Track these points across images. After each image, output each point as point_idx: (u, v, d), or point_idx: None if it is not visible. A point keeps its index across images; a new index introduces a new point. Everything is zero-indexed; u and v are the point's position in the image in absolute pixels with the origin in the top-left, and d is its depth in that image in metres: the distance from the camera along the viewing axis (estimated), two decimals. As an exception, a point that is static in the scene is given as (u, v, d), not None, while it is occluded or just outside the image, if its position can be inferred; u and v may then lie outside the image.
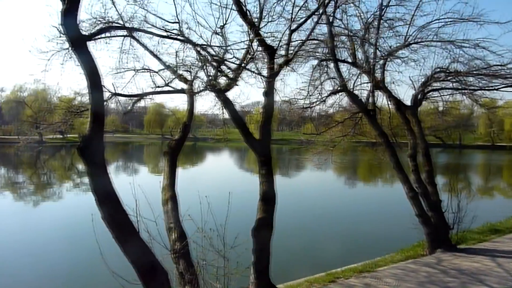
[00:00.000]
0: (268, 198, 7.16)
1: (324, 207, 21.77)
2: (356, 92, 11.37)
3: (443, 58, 11.01)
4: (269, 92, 7.62)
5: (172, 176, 6.65)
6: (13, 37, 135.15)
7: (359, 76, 11.38)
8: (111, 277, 4.92)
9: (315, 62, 10.94)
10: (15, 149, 54.79)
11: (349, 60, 11.18)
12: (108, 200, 4.70)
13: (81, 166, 42.10)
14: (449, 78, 11.44)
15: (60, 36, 6.30)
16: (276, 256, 7.48)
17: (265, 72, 7.62)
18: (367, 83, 11.67)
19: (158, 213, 5.67)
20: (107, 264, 4.96)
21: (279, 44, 7.75)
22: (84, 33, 5.83)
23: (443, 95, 12.57)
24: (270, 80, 7.47)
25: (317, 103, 11.39)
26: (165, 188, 6.42)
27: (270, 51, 7.41)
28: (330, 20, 9.77)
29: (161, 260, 5.09)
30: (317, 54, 10.67)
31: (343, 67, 11.31)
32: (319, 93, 11.33)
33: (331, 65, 11.05)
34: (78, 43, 4.85)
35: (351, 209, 21.79)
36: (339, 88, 11.31)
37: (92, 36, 5.99)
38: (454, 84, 11.72)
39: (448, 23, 10.39)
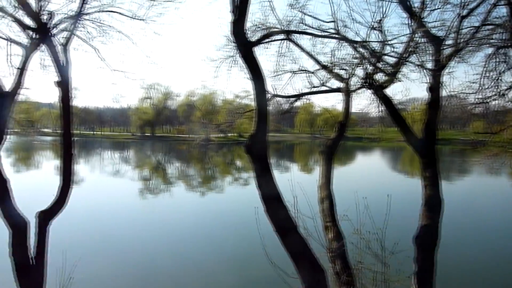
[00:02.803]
0: (433, 204, 6.49)
1: (501, 219, 18.70)
2: (548, 82, 9.40)
3: None
4: (434, 86, 6.90)
5: (328, 175, 6.66)
6: (185, 50, 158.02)
7: (553, 63, 9.34)
8: (271, 267, 5.24)
9: (490, 50, 9.45)
10: (187, 146, 63.59)
11: (538, 44, 9.30)
12: (270, 195, 5.00)
13: (239, 162, 46.24)
14: None
15: (227, 45, 7.09)
16: (441, 268, 6.75)
17: (429, 65, 6.95)
18: None
19: (315, 210, 5.77)
20: (268, 255, 5.29)
21: (446, 33, 6.96)
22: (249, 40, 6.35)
23: None
24: (437, 74, 6.77)
25: (494, 97, 9.82)
26: (321, 187, 6.48)
27: (436, 41, 6.72)
28: (512, 0, 8.29)
29: (317, 257, 5.16)
30: (492, 41, 9.19)
31: (529, 54, 9.48)
32: (496, 86, 9.74)
33: (512, 52, 9.39)
34: (246, 50, 5.29)
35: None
36: (523, 79, 9.52)
37: (257, 42, 6.45)
38: None
39: None
